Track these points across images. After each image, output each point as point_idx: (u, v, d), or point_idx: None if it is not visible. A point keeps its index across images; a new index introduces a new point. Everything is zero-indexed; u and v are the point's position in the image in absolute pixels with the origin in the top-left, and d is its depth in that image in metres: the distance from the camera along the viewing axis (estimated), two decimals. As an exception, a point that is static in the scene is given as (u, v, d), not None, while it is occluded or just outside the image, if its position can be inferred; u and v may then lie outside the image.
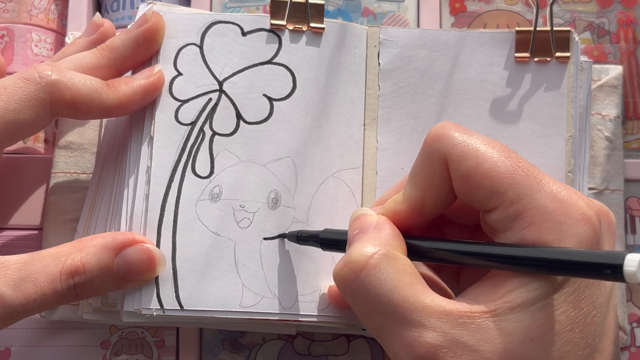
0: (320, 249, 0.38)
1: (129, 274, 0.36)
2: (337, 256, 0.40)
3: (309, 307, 0.39)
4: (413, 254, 0.32)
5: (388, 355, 0.31)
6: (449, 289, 0.35)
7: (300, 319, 0.39)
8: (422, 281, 0.30)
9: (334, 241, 0.36)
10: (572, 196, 0.30)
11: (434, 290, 0.31)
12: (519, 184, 0.30)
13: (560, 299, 0.28)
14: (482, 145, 0.31)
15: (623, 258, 0.26)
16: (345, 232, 0.35)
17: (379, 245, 0.31)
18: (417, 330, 0.29)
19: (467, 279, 0.36)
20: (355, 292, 0.31)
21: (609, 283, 0.30)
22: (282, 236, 0.39)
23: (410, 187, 0.33)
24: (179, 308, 0.38)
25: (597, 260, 0.27)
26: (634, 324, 0.45)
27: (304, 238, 0.38)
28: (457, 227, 0.36)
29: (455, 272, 0.37)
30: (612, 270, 0.26)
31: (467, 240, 0.32)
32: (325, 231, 0.37)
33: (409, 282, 0.30)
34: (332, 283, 0.39)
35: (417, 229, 0.34)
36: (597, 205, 0.31)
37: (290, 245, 0.39)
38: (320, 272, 0.39)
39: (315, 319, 0.39)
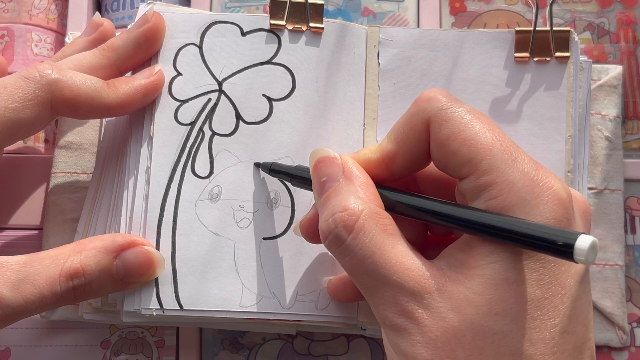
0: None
1: (127, 276, 0.36)
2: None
3: (308, 307, 0.39)
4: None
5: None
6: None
7: (300, 319, 0.39)
8: (402, 240, 0.31)
9: (305, 179, 0.36)
10: (544, 178, 0.30)
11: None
12: (494, 157, 0.30)
13: (523, 275, 0.29)
14: (466, 114, 0.31)
15: (576, 238, 0.26)
16: None
17: (361, 204, 0.31)
18: (398, 290, 0.30)
19: None
20: (342, 253, 0.31)
21: (580, 266, 0.30)
22: (256, 165, 0.40)
23: (387, 139, 0.34)
24: (178, 308, 0.38)
25: (548, 235, 0.27)
26: (634, 324, 0.46)
27: (276, 170, 0.39)
28: None
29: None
30: (563, 247, 0.27)
31: (428, 197, 0.32)
32: (298, 167, 0.38)
33: (390, 244, 0.31)
34: (331, 277, 0.39)
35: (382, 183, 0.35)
36: (575, 194, 0.32)
37: (289, 244, 0.39)
38: (320, 272, 0.39)
39: (315, 319, 0.39)
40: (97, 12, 0.44)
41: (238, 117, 0.41)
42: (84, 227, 0.42)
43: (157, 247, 0.38)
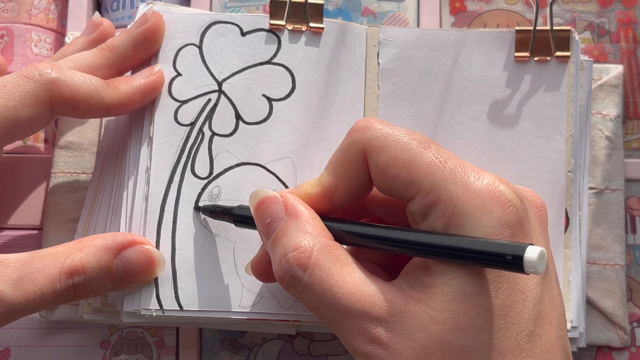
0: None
1: (128, 275, 0.36)
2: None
3: (308, 307, 0.39)
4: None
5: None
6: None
7: (299, 319, 0.39)
8: (358, 268, 0.31)
9: (248, 218, 0.35)
10: (487, 186, 0.30)
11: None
12: (434, 175, 0.30)
13: (481, 287, 0.29)
14: (402, 137, 0.31)
15: (524, 250, 0.26)
16: None
17: (311, 239, 0.31)
18: (363, 318, 0.30)
19: None
20: (301, 292, 0.31)
21: None
22: (196, 209, 0.39)
23: (326, 173, 0.34)
24: (178, 308, 0.38)
25: (495, 249, 0.27)
26: (634, 324, 0.45)
27: (217, 212, 0.38)
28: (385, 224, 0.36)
29: None
30: (512, 260, 0.27)
31: (372, 224, 0.32)
32: (240, 207, 0.37)
33: (347, 273, 0.31)
34: None
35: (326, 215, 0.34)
36: (526, 193, 0.32)
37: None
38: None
39: (315, 319, 0.39)
40: (97, 12, 0.44)
41: (238, 117, 0.41)
42: (84, 227, 0.42)
43: (157, 247, 0.38)
